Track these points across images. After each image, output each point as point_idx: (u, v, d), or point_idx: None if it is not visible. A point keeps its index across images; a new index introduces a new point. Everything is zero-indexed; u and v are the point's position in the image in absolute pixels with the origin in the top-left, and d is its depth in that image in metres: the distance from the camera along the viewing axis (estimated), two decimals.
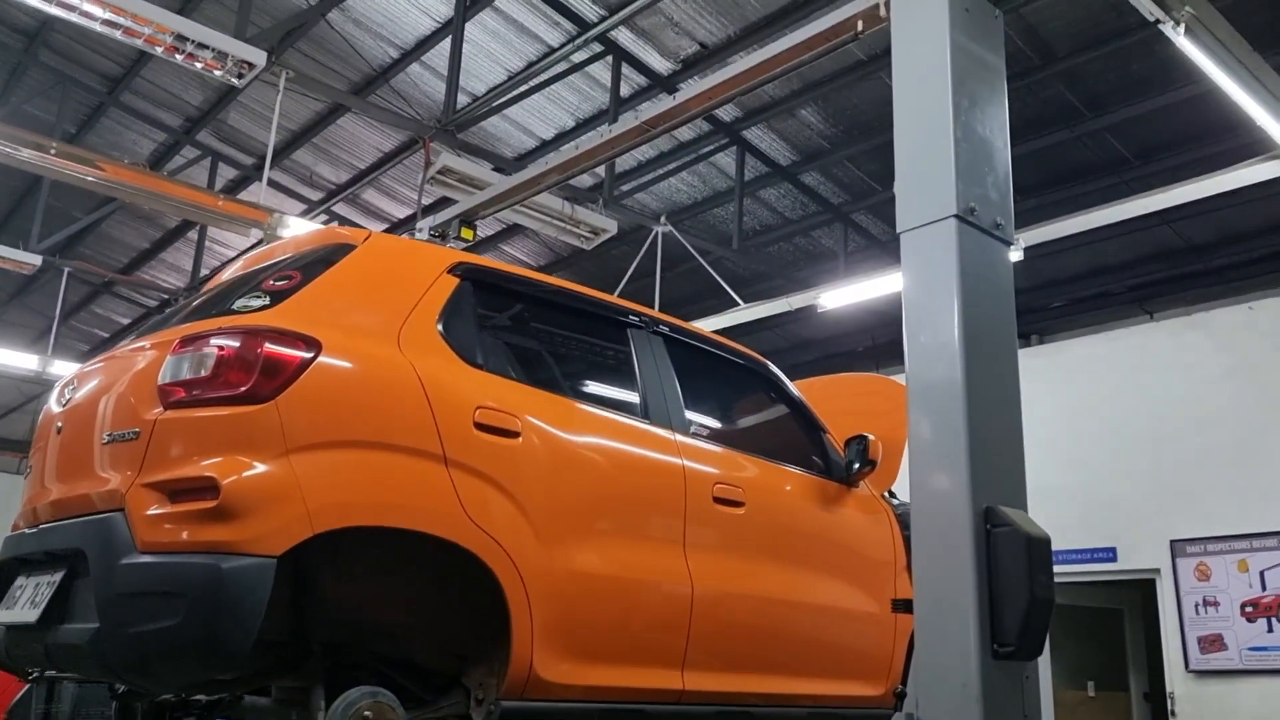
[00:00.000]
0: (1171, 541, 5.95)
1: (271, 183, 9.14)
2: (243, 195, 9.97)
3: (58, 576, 2.76)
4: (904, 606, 3.32)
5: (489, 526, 2.88)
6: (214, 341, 2.69)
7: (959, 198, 3.15)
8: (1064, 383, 6.74)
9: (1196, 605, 5.80)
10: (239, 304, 2.90)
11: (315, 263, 3.06)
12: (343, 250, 3.10)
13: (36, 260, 8.73)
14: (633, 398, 3.60)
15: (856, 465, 4.16)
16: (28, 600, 2.85)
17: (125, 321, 15.40)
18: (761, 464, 3.93)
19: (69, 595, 2.72)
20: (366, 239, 3.18)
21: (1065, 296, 9.67)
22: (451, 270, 3.23)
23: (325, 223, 9.41)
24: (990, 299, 3.22)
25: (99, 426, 2.83)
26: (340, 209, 10.87)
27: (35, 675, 3.32)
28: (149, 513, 2.56)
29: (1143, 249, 8.85)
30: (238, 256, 11.47)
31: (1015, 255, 5.66)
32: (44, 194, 9.56)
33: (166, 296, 13.67)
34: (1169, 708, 5.92)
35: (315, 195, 10.95)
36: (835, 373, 9.95)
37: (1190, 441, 6.08)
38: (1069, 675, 6.57)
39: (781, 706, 3.75)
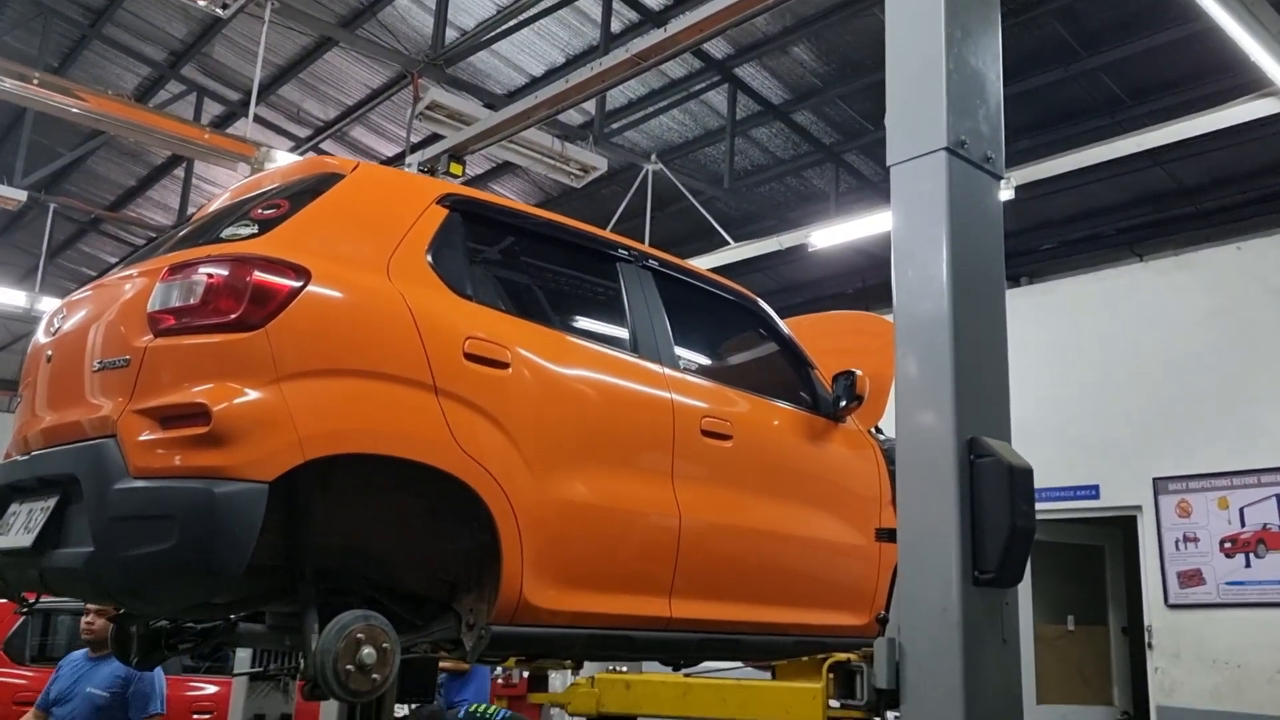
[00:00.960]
0: (1154, 479, 6.04)
1: (258, 119, 9.04)
2: (229, 131, 9.87)
3: (51, 502, 2.78)
4: (888, 536, 3.37)
5: (479, 455, 2.91)
6: (203, 269, 2.69)
7: (949, 130, 3.14)
8: (1051, 323, 6.78)
9: (1177, 541, 5.90)
10: (227, 232, 2.89)
11: (303, 192, 3.04)
12: (331, 179, 3.09)
13: (21, 196, 8.65)
14: (622, 332, 3.61)
15: (843, 401, 4.20)
16: (21, 526, 2.87)
17: (113, 260, 15.28)
18: (750, 399, 3.96)
19: (62, 520, 2.74)
20: (355, 169, 3.16)
21: (1056, 239, 9.68)
22: (440, 201, 3.22)
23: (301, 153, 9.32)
24: (979, 233, 3.23)
25: (89, 354, 2.84)
26: (328, 146, 10.77)
27: (29, 607, 3.37)
28: (141, 439, 2.57)
29: (1134, 191, 8.85)
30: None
31: (1006, 194, 5.67)
32: (27, 127, 9.43)
33: (154, 234, 13.57)
34: (1147, 640, 6.05)
35: (303, 132, 10.83)
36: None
37: (1175, 381, 6.14)
38: (1049, 610, 6.70)
39: (768, 635, 3.82)
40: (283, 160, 6.40)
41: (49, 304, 9.79)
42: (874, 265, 10.36)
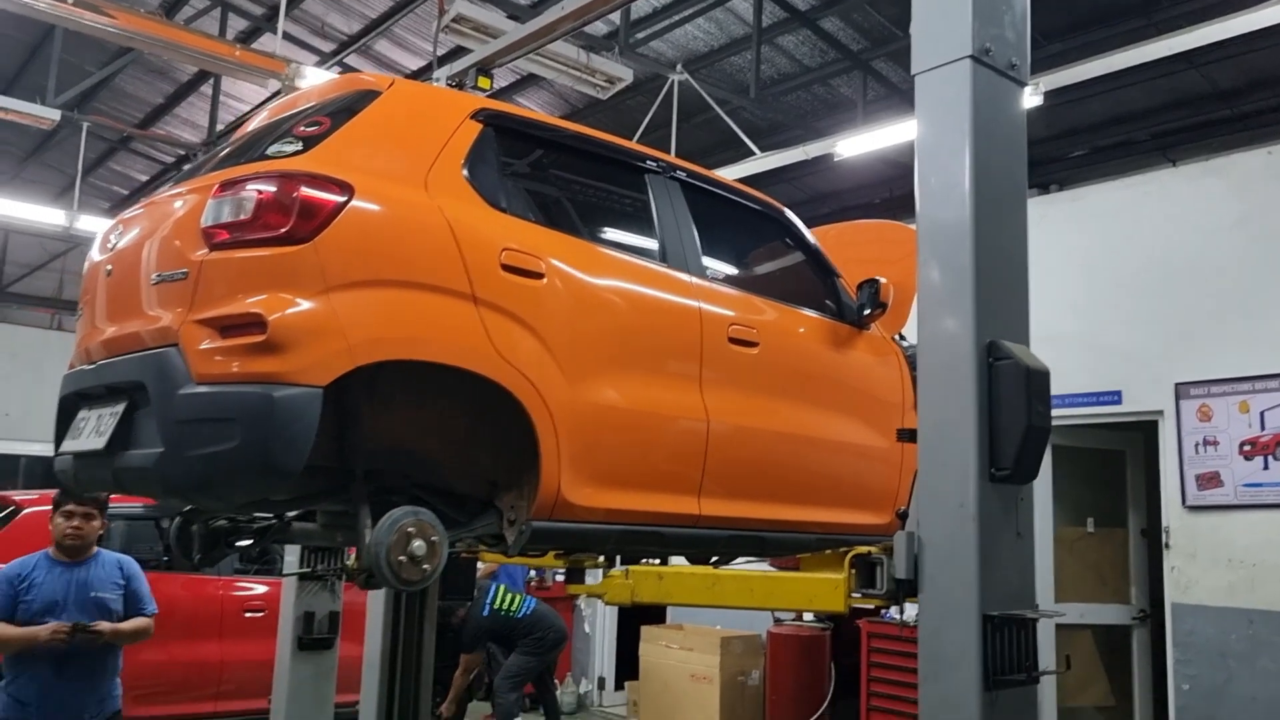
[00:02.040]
0: (1176, 384, 6.11)
1: (283, 34, 9.03)
2: (256, 47, 9.87)
3: (119, 407, 2.96)
4: (909, 436, 3.50)
5: (517, 362, 3.05)
6: (252, 185, 2.81)
7: (974, 38, 3.18)
8: (1079, 231, 6.78)
9: (1196, 445, 6.00)
10: (273, 149, 3.00)
11: (343, 109, 3.14)
12: (368, 96, 3.18)
13: (55, 115, 8.75)
14: (650, 242, 3.72)
15: (868, 308, 4.30)
16: (92, 430, 3.07)
17: (143, 178, 15.43)
18: (776, 307, 4.07)
19: (131, 424, 2.92)
20: (391, 85, 3.25)
21: (1087, 145, 9.58)
22: (474, 115, 3.31)
23: (340, 74, 9.33)
24: (1002, 140, 3.28)
25: (147, 268, 2.98)
26: (353, 60, 10.75)
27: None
28: (201, 347, 2.73)
29: (1167, 95, 8.71)
30: (258, 107, 11.40)
31: (1034, 100, 5.65)
32: (57, 46, 9.48)
33: (183, 151, 13.66)
34: (1164, 541, 6.20)
35: (327, 47, 10.81)
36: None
37: (1200, 287, 6.16)
38: (1069, 513, 6.85)
39: (792, 533, 4.00)
40: (313, 77, 6.45)
41: (87, 222, 9.99)
42: (901, 175, 10.29)
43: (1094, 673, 6.75)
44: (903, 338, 4.80)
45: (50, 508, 6.69)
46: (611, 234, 3.72)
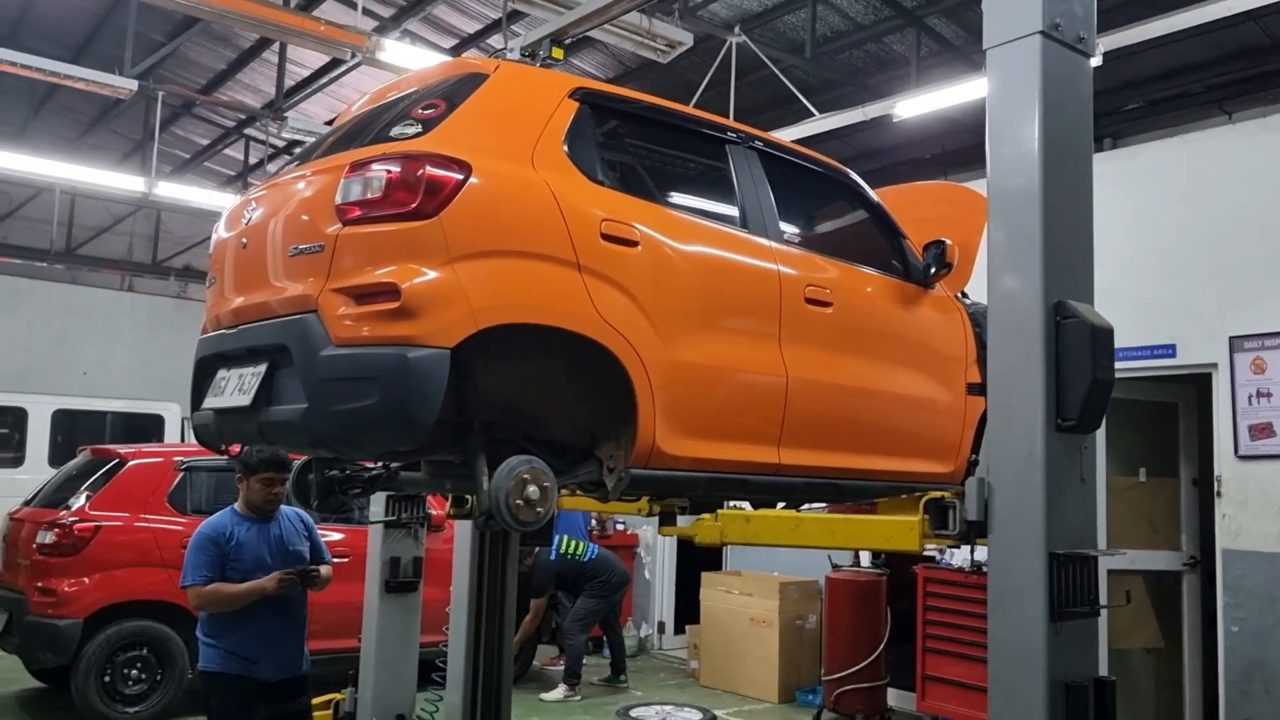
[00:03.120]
0: (1230, 338, 6.26)
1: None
2: (316, 14, 10.11)
3: (261, 368, 3.28)
4: (978, 389, 3.74)
5: (616, 324, 3.32)
6: (381, 166, 3.09)
7: (1045, 14, 3.37)
8: (1134, 189, 6.88)
9: (1250, 397, 6.16)
10: (395, 131, 3.28)
11: (455, 92, 3.40)
12: (477, 79, 3.44)
13: (133, 85, 9.09)
14: (732, 209, 3.96)
15: (933, 268, 4.51)
16: (235, 388, 3.39)
17: (204, 142, 15.79)
18: (846, 268, 4.31)
19: (272, 383, 3.25)
20: (497, 69, 3.51)
21: (1142, 98, 9.59)
22: (572, 95, 3.56)
23: (398, 38, 9.54)
24: (1070, 111, 3.49)
25: (283, 242, 3.29)
26: (413, 26, 10.96)
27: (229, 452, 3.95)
28: (339, 313, 3.03)
29: (1225, 48, 8.70)
30: (315, 75, 11.65)
31: (1094, 62, 5.76)
32: (133, 17, 9.80)
33: (244, 115, 14.02)
34: (1216, 489, 6.39)
35: (386, 11, 11.03)
36: (903, 180, 10.11)
37: (1255, 242, 6.25)
38: (1122, 463, 7.04)
39: (864, 481, 4.26)
40: (391, 50, 6.72)
41: (165, 188, 10.36)
42: (953, 131, 10.39)
43: (1144, 616, 6.98)
44: (965, 295, 5.01)
45: (155, 460, 7.18)
46: (697, 202, 3.97)
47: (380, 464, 4.25)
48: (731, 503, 4.58)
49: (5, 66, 8.31)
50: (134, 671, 6.62)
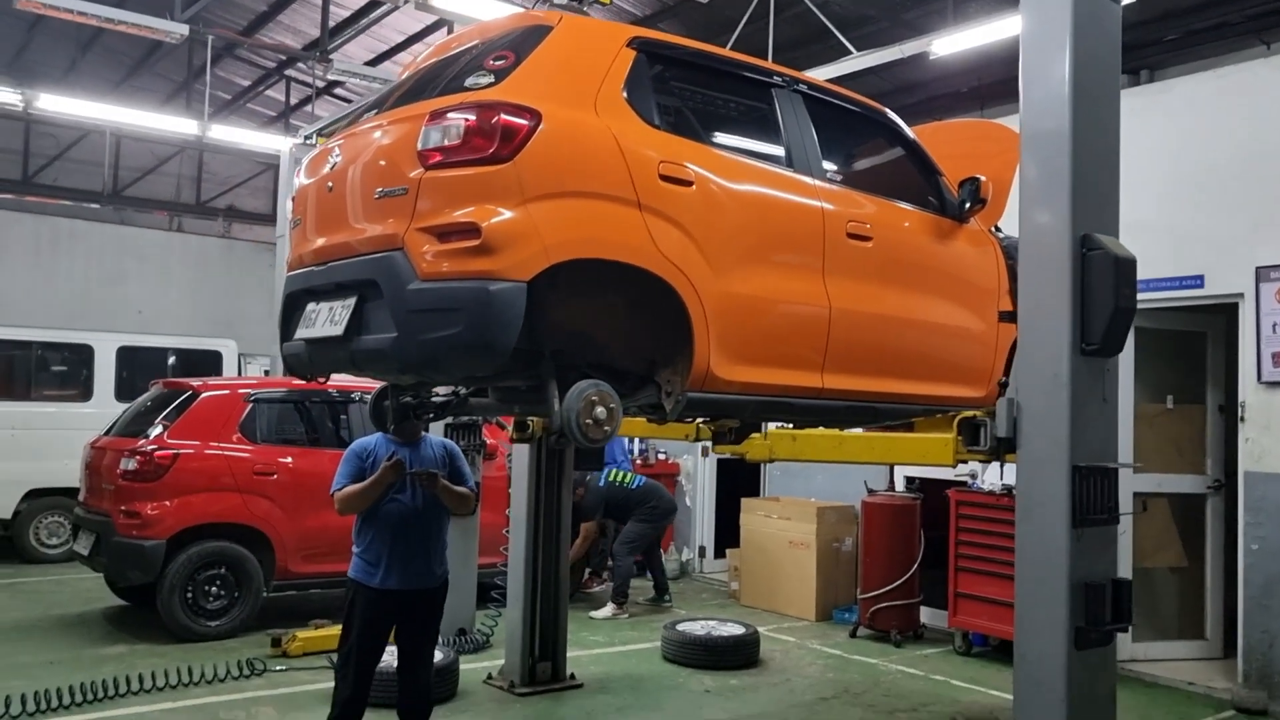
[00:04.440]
0: (1256, 268, 6.42)
1: None
2: None
3: (351, 301, 3.60)
4: (1009, 317, 4.00)
5: (674, 258, 3.61)
6: (459, 114, 3.37)
7: None
8: (1165, 122, 6.98)
9: (1275, 325, 6.33)
10: (470, 81, 3.55)
11: (522, 43, 3.66)
12: (542, 31, 3.70)
13: (184, 29, 9.34)
14: (779, 149, 4.22)
15: (968, 203, 4.75)
16: (326, 320, 3.73)
17: (245, 83, 16.02)
18: (885, 204, 4.56)
19: (361, 314, 3.58)
20: (560, 21, 3.76)
21: (1180, 29, 9.57)
22: (630, 44, 3.81)
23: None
24: (1099, 54, 3.70)
25: (369, 186, 3.58)
26: None
27: (320, 379, 4.30)
28: (424, 250, 3.34)
29: None
30: (355, 16, 11.76)
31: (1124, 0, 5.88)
32: None
33: (284, 57, 14.24)
34: (1239, 415, 6.61)
35: None
36: (939, 115, 10.21)
37: None
38: (1150, 391, 7.25)
39: (900, 404, 4.56)
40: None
41: (217, 130, 10.65)
42: (989, 65, 10.39)
43: (1169, 537, 7.26)
44: (998, 229, 5.24)
45: (225, 392, 7.58)
46: (745, 143, 4.22)
47: (450, 390, 4.60)
48: (774, 424, 4.89)
49: (62, 13, 8.57)
50: (214, 589, 7.09)
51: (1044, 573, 3.52)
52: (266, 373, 11.68)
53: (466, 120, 3.35)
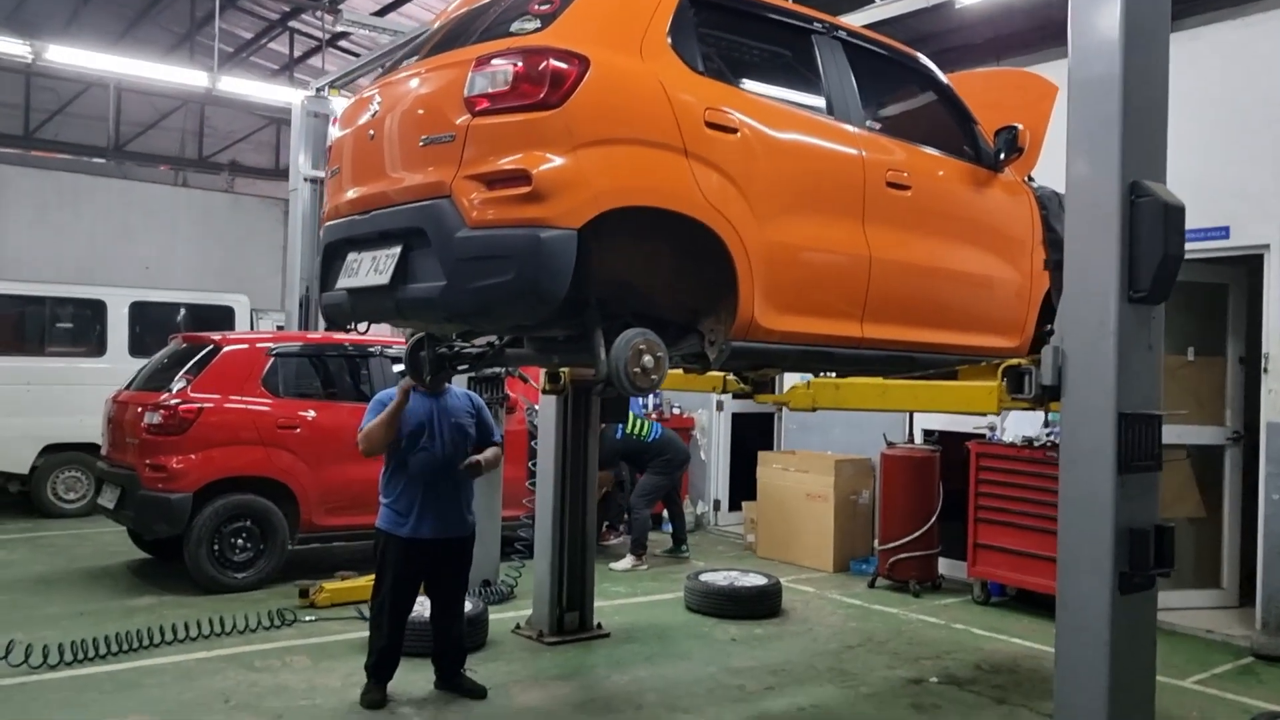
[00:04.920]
0: None
1: None
2: None
3: (395, 250, 3.58)
4: (1056, 265, 3.99)
5: (719, 206, 3.59)
6: (506, 60, 3.33)
7: None
8: (1192, 71, 6.90)
9: None
10: (515, 27, 3.50)
11: None
12: None
13: None
14: (819, 96, 4.18)
15: (1004, 153, 4.72)
16: (370, 269, 3.71)
17: (247, 35, 15.84)
18: (923, 152, 4.53)
19: (407, 263, 3.56)
20: None
21: None
22: None
23: None
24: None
25: (413, 133, 3.55)
26: None
27: (354, 329, 4.30)
28: (472, 198, 3.32)
29: None
30: None
31: None
32: None
33: (289, 8, 14.07)
34: (1264, 366, 6.62)
35: None
36: (954, 68, 10.07)
37: None
38: (1171, 342, 7.24)
39: (936, 354, 4.56)
40: None
41: (228, 83, 10.54)
42: (1007, 16, 10.28)
43: (1188, 488, 7.31)
44: (1032, 179, 5.21)
45: (247, 346, 7.57)
46: (787, 90, 4.18)
47: (486, 341, 4.60)
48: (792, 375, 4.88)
49: None
50: (240, 541, 7.14)
51: (1088, 519, 3.54)
52: (279, 328, 11.63)
53: (514, 66, 3.31)
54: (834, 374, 4.83)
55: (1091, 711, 3.51)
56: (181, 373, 7.36)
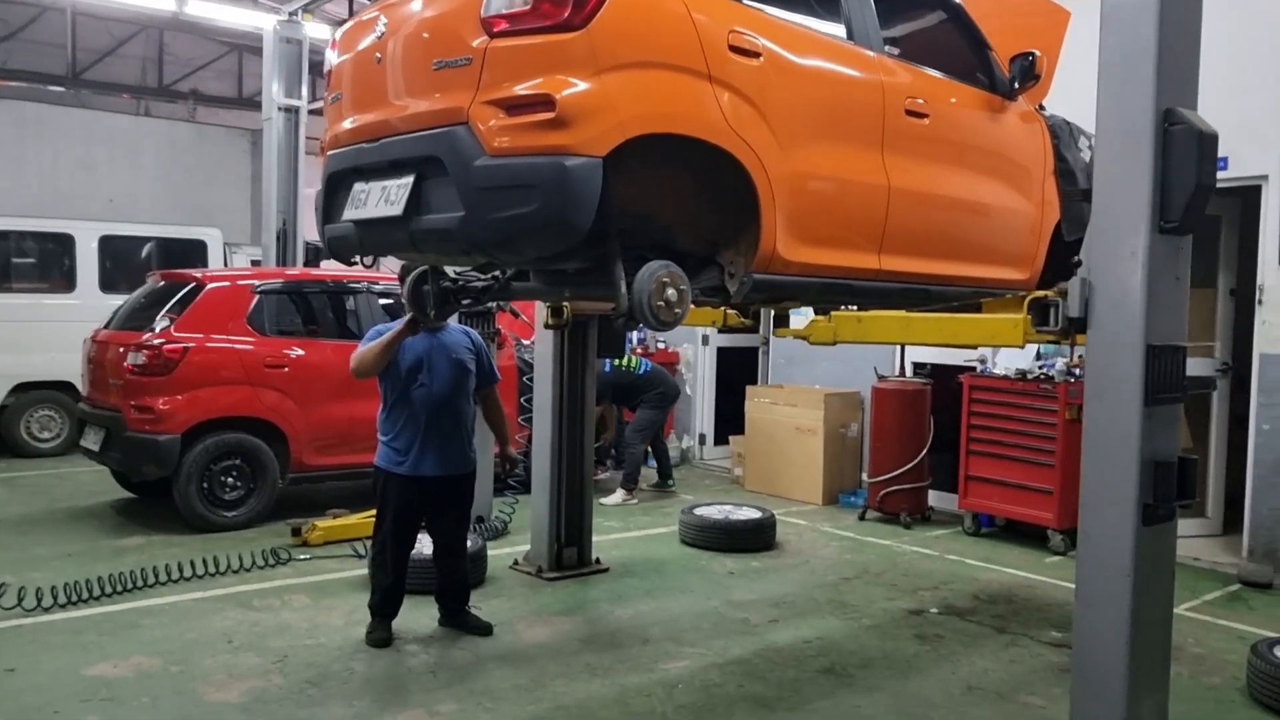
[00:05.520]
0: None
1: None
2: None
3: (408, 179, 3.43)
4: (1085, 195, 3.92)
5: (743, 133, 3.47)
6: None
7: None
8: None
9: None
10: None
11: None
12: None
13: None
14: (839, 22, 4.04)
15: (1019, 81, 4.62)
16: (380, 200, 3.56)
17: None
18: (940, 80, 4.42)
19: (420, 193, 3.42)
20: None
21: None
22: None
23: None
24: None
25: (425, 56, 3.38)
26: None
27: (357, 262, 4.16)
28: (491, 124, 3.17)
29: None
30: None
31: None
32: None
33: None
34: (1258, 297, 6.64)
35: None
36: None
37: None
38: None
39: (950, 286, 4.51)
40: None
41: (195, 7, 10.12)
42: None
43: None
44: (1042, 107, 5.12)
45: (231, 283, 7.37)
46: (809, 15, 4.04)
47: (491, 275, 4.47)
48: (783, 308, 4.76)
49: None
50: (230, 480, 7.02)
51: (1114, 451, 3.51)
52: (255, 263, 11.36)
53: None
54: (830, 311, 4.73)
55: (1113, 642, 3.52)
56: (164, 311, 7.16)
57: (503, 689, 4.38)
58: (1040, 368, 7.34)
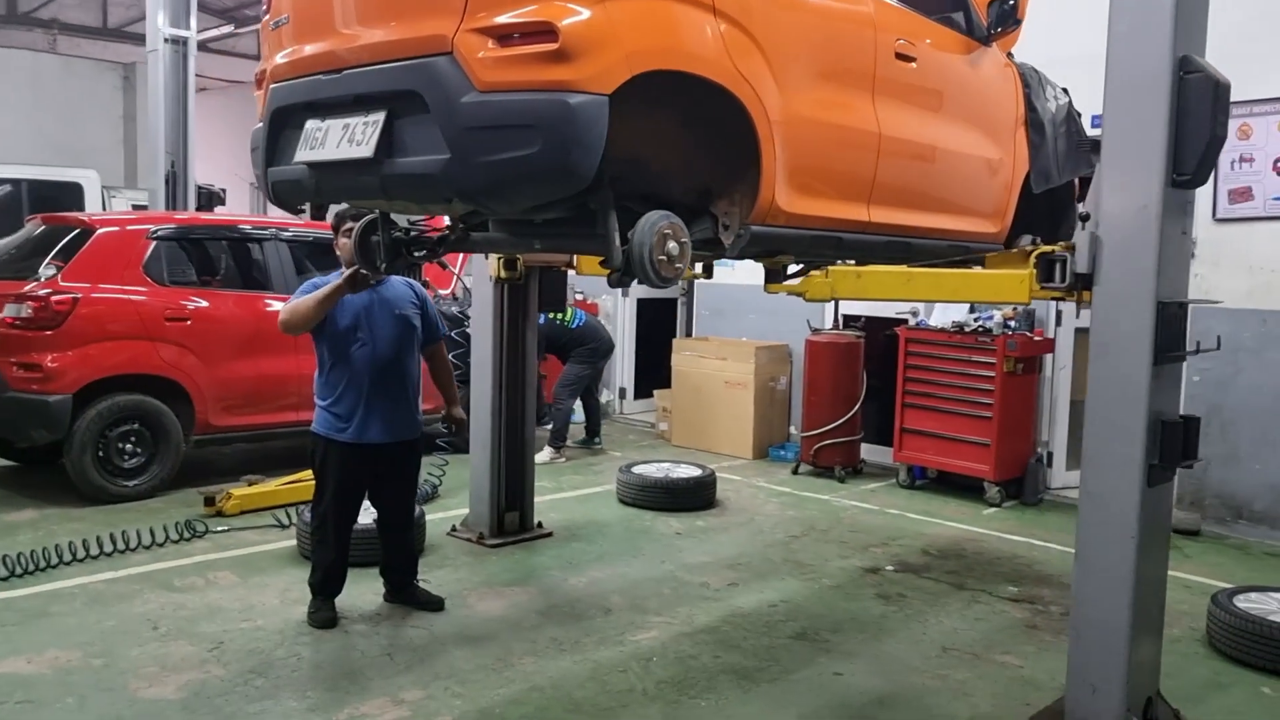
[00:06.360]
0: None
1: None
2: None
3: (378, 116, 3.03)
4: (1095, 147, 3.77)
5: (747, 73, 3.19)
6: None
7: None
8: None
9: (1232, 162, 6.41)
10: None
11: None
12: None
13: None
14: None
15: (999, 26, 4.45)
16: (343, 139, 3.14)
17: None
18: (924, 21, 4.21)
19: (392, 132, 3.03)
20: None
21: None
22: None
23: None
24: None
25: None
26: None
27: (303, 210, 3.73)
28: (482, 55, 2.80)
29: None
30: None
31: None
32: None
33: None
34: (1190, 251, 6.74)
35: None
36: None
37: (1241, 5, 6.29)
38: None
39: (928, 239, 4.34)
40: None
41: None
42: None
43: None
44: (1011, 55, 4.97)
45: (124, 229, 6.72)
46: None
47: (449, 225, 4.10)
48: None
49: None
50: (128, 446, 6.45)
51: (1120, 411, 3.43)
52: (137, 208, 10.50)
53: None
54: (799, 266, 4.50)
55: (1114, 605, 3.46)
56: (49, 259, 6.47)
57: (468, 670, 4.09)
58: (976, 320, 7.34)
